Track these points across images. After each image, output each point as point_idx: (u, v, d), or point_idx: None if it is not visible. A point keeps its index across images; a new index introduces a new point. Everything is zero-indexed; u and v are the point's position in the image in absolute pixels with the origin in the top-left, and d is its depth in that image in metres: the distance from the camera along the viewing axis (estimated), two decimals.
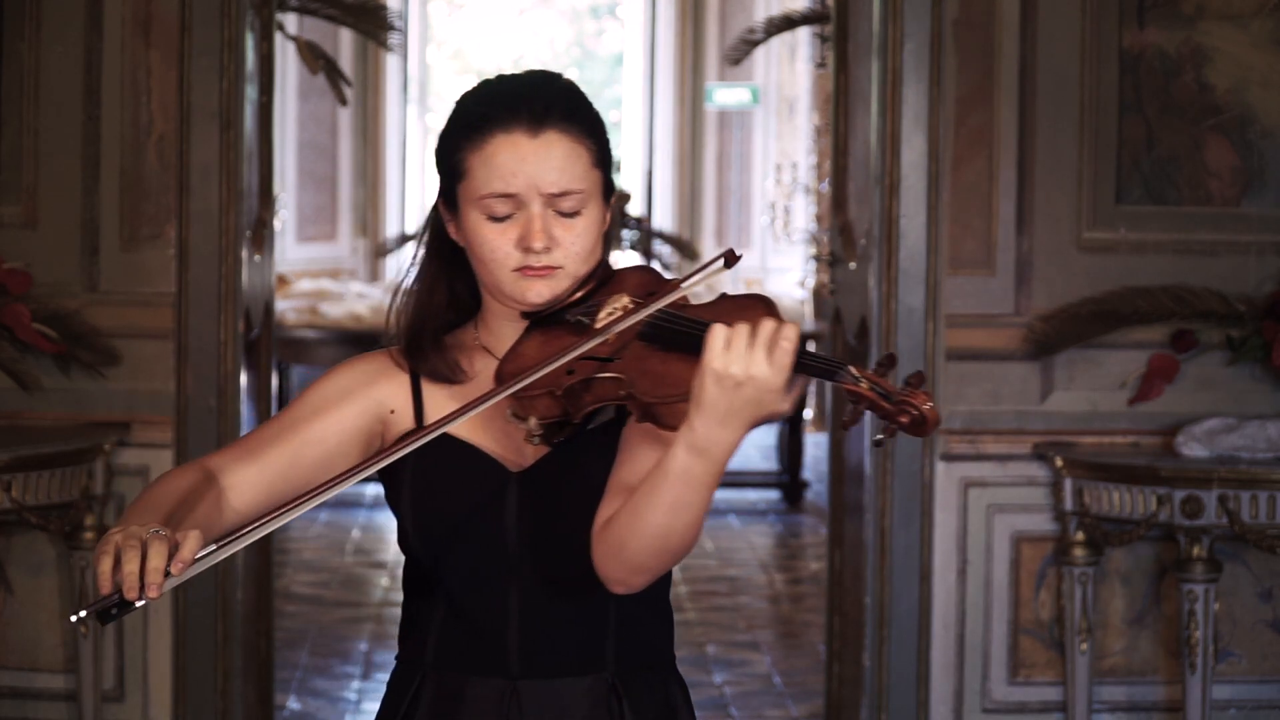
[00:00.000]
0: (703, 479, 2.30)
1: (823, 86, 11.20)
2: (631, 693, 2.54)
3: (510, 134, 2.46)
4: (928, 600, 5.27)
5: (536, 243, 2.45)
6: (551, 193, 2.46)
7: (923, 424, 2.25)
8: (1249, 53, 5.27)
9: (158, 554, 2.19)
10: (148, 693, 5.26)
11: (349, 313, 9.98)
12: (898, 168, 5.22)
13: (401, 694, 2.58)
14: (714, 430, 2.27)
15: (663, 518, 2.32)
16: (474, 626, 2.52)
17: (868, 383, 2.27)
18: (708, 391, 2.26)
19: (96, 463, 5.09)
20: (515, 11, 18.04)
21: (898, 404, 2.26)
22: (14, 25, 5.19)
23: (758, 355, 2.25)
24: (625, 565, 2.37)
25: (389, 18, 6.91)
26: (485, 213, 2.47)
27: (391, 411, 2.55)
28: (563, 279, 2.48)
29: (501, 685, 2.51)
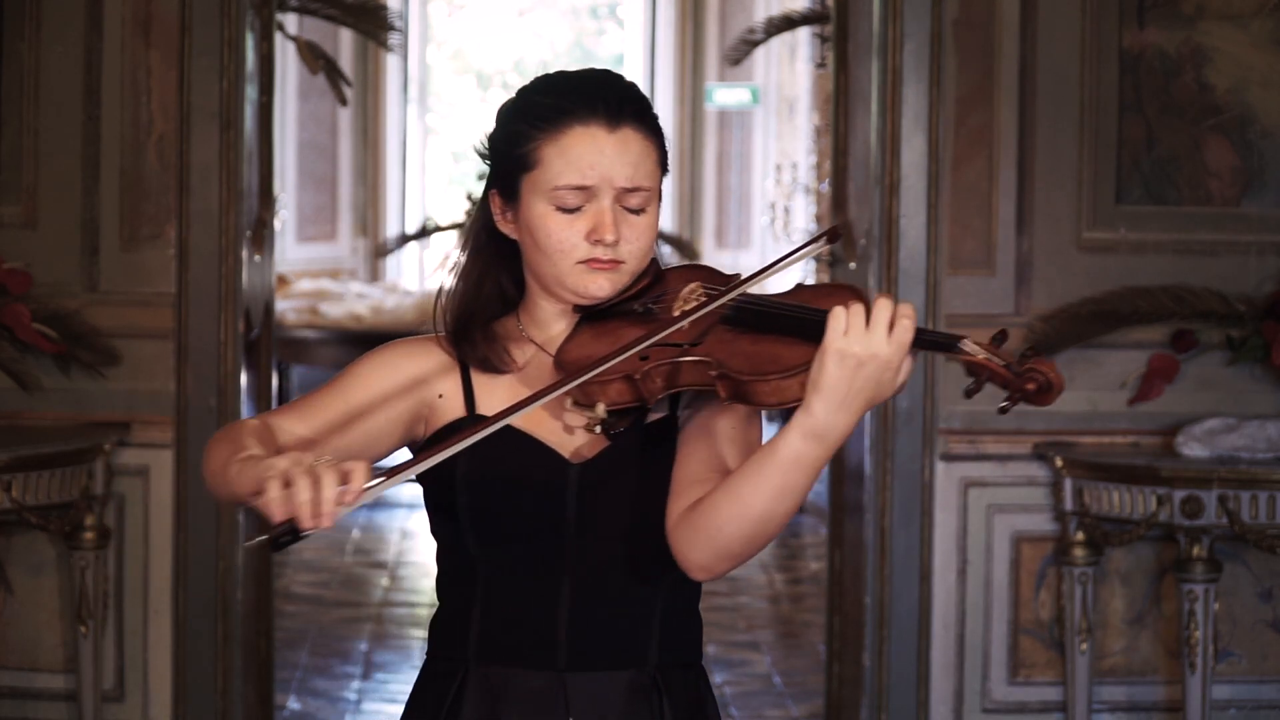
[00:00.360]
0: (814, 464, 2.34)
1: (823, 86, 11.20)
2: (671, 689, 2.56)
3: (588, 126, 2.49)
4: (928, 600, 5.27)
5: (609, 235, 2.48)
6: (625, 187, 2.49)
7: (1049, 390, 2.29)
8: (1249, 53, 5.27)
9: (330, 483, 2.21)
10: (148, 693, 5.26)
11: (349, 313, 9.98)
12: (898, 168, 5.22)
13: (443, 689, 2.56)
14: (834, 414, 2.31)
15: (766, 503, 2.35)
16: (522, 618, 2.52)
17: (985, 353, 2.30)
18: (829, 373, 2.30)
19: (96, 463, 5.09)
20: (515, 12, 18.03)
21: (1022, 372, 2.29)
22: (14, 25, 5.19)
23: (877, 333, 2.29)
24: (715, 551, 2.40)
25: (389, 18, 6.91)
26: (556, 204, 2.49)
27: (440, 396, 2.55)
28: (624, 274, 2.51)
29: (550, 678, 2.52)
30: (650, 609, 2.54)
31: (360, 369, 2.56)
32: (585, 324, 2.54)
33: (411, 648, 7.11)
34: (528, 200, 2.51)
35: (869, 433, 5.33)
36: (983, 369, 2.31)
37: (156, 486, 5.24)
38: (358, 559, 8.68)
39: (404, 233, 13.23)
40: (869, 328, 2.29)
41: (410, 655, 7.00)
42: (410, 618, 7.59)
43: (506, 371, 2.55)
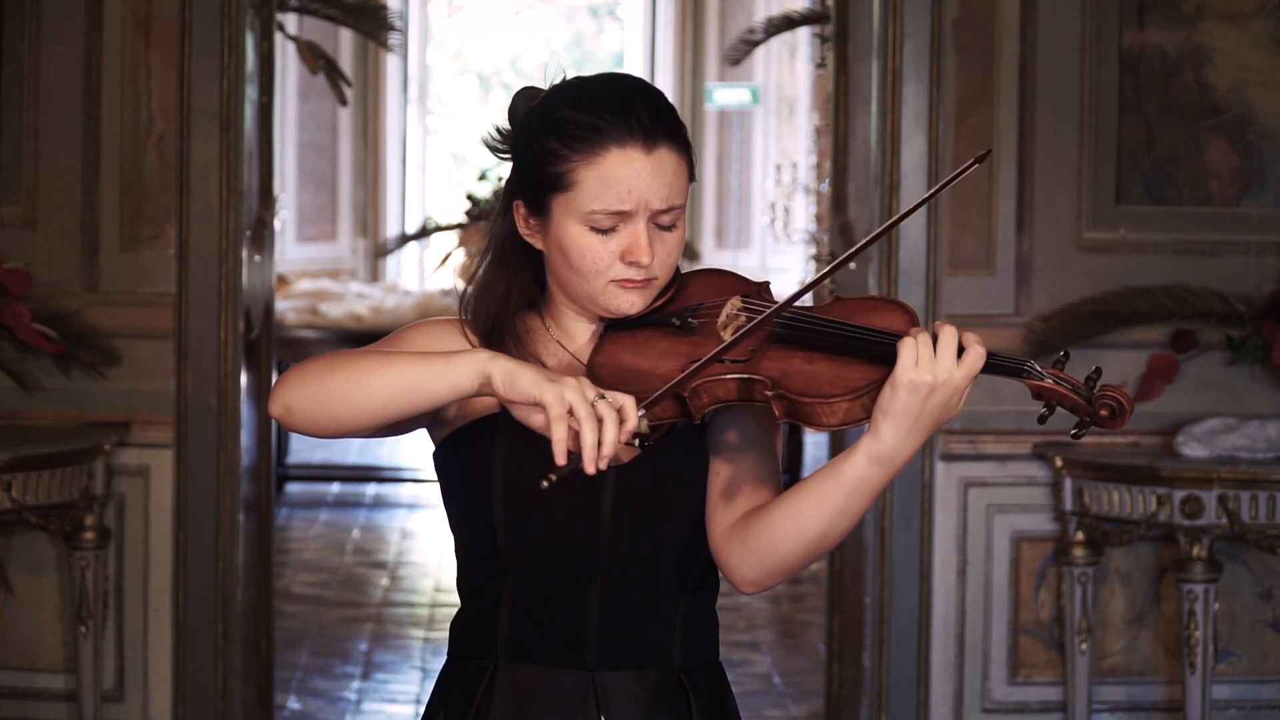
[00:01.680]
0: (877, 487, 2.37)
1: (823, 86, 11.20)
2: (696, 688, 2.57)
3: (625, 149, 2.46)
4: (928, 600, 5.27)
5: (645, 258, 2.47)
6: (659, 209, 2.48)
7: (1122, 415, 2.32)
8: (1249, 53, 5.27)
9: (613, 426, 2.25)
10: (148, 693, 5.26)
11: (349, 313, 9.98)
12: (898, 168, 5.22)
13: (470, 689, 2.55)
14: (902, 440, 2.34)
15: (826, 524, 2.39)
16: (552, 618, 2.52)
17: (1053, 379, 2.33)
18: (900, 401, 2.32)
19: (96, 463, 5.09)
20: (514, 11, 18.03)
21: (1095, 398, 2.31)
22: (14, 25, 5.19)
23: (945, 361, 2.31)
24: (768, 568, 2.43)
25: (389, 18, 6.91)
26: (590, 225, 2.47)
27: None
28: (653, 290, 2.51)
29: (580, 677, 2.52)
30: (675, 610, 2.55)
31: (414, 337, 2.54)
32: (612, 332, 2.53)
33: (411, 648, 7.11)
34: (560, 219, 2.48)
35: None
36: (1053, 394, 2.34)
37: (156, 486, 5.24)
38: (358, 559, 8.68)
39: (404, 233, 13.23)
40: (937, 355, 2.32)
41: (410, 655, 7.00)
42: (410, 618, 7.59)
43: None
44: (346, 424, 2.40)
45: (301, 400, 2.40)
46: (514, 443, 2.47)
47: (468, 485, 2.53)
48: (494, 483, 2.50)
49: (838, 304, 2.46)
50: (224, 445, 5.25)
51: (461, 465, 2.52)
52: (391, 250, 13.06)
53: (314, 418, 2.40)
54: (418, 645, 7.15)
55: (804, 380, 2.38)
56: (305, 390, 2.40)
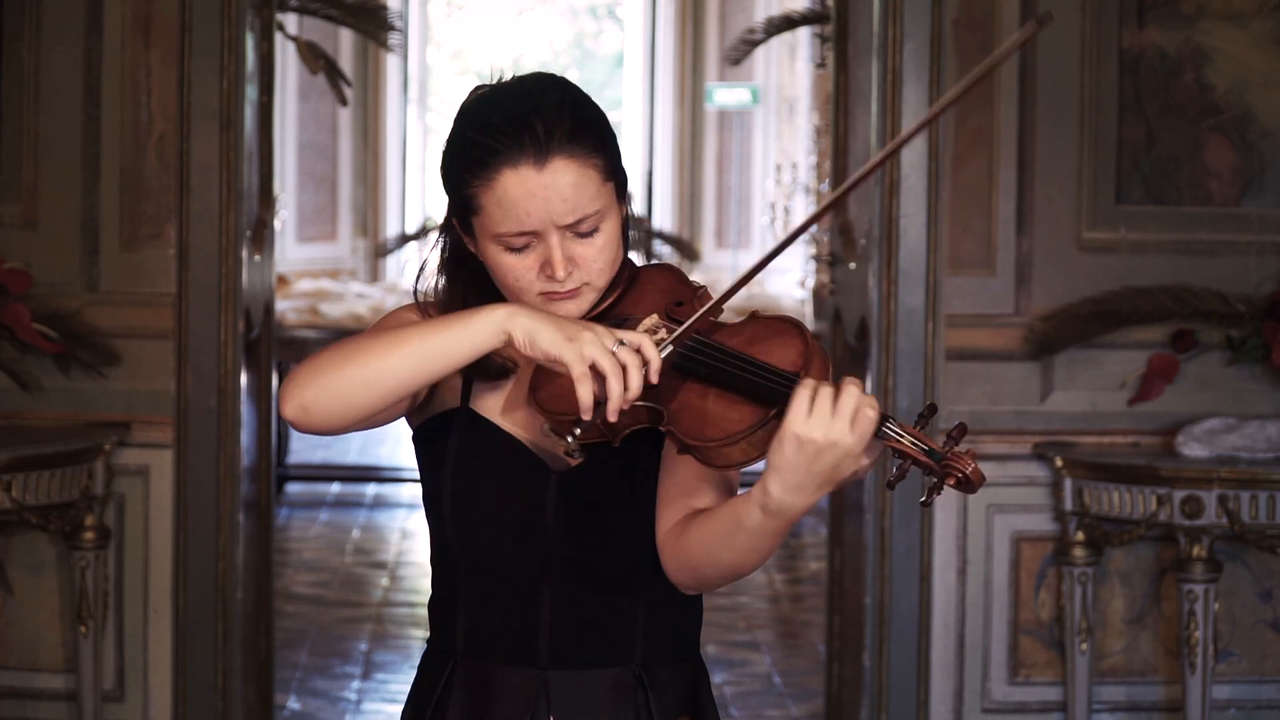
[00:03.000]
0: (777, 531, 2.34)
1: (823, 86, 11.20)
2: (656, 684, 2.56)
3: (517, 170, 2.41)
4: (928, 600, 5.27)
5: (559, 272, 2.44)
6: (563, 225, 2.44)
7: (968, 485, 2.26)
8: (1249, 53, 5.27)
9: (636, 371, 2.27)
10: (148, 693, 5.26)
11: (349, 313, 9.98)
12: (898, 168, 5.22)
13: (434, 679, 2.59)
14: (790, 495, 2.28)
15: (736, 557, 2.38)
16: (505, 617, 2.53)
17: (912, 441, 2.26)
18: (786, 455, 2.26)
19: (96, 463, 5.09)
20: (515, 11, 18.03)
21: (944, 465, 2.26)
22: (14, 25, 5.19)
23: (841, 422, 2.24)
24: (695, 579, 2.45)
25: (389, 18, 6.91)
26: (503, 246, 2.45)
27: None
28: (589, 294, 2.48)
29: (531, 675, 2.53)
30: (634, 608, 2.54)
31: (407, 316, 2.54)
32: None
33: (411, 648, 7.11)
34: (480, 239, 2.48)
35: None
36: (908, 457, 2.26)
37: (156, 486, 5.24)
38: (358, 559, 8.68)
39: (404, 233, 13.24)
40: (834, 414, 2.24)
41: (410, 655, 7.00)
42: (410, 618, 7.59)
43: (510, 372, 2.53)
44: (370, 409, 2.38)
45: (319, 396, 2.38)
46: (465, 443, 2.49)
47: (426, 479, 2.55)
48: (444, 481, 2.52)
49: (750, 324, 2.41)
50: (224, 445, 5.25)
51: (423, 459, 2.55)
52: (391, 250, 13.06)
53: (335, 410, 2.38)
54: (418, 645, 7.16)
55: (692, 419, 2.33)
56: (321, 385, 2.38)
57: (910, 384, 5.23)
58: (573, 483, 2.50)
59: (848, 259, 5.73)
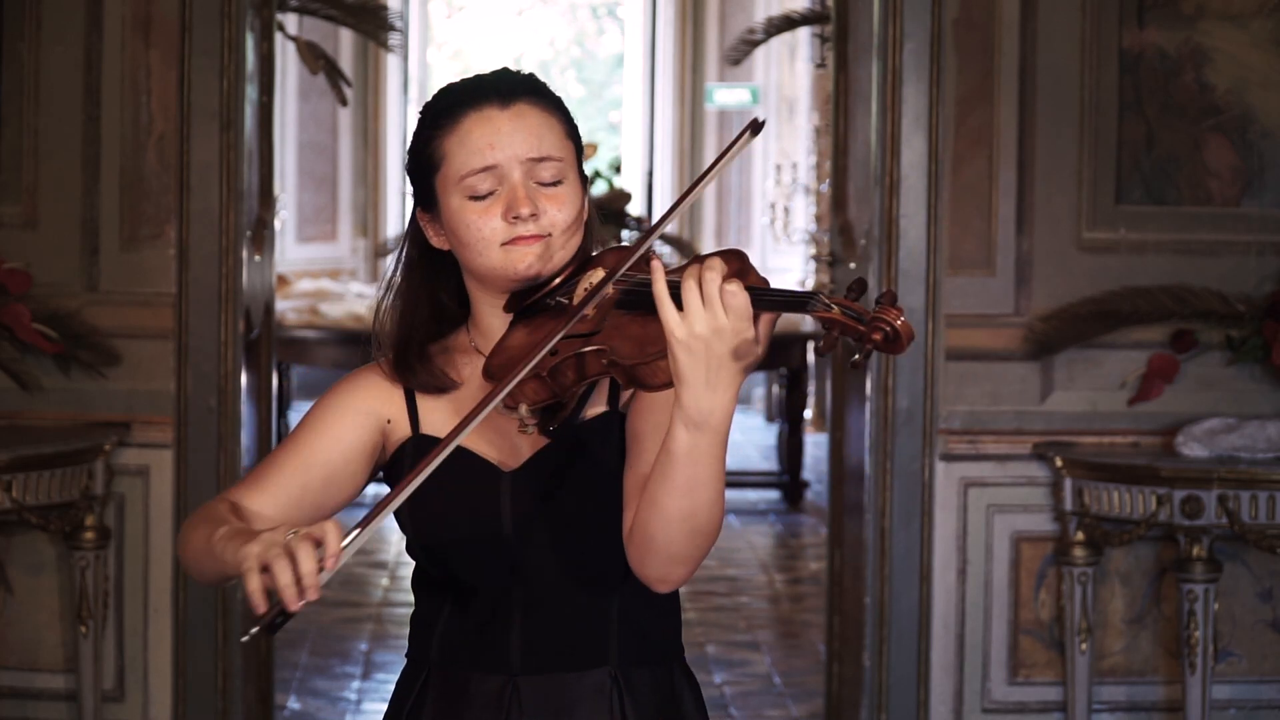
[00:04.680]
0: (709, 451, 2.28)
1: (823, 86, 11.20)
2: (633, 687, 2.54)
3: (482, 110, 2.48)
4: (928, 600, 5.27)
5: (524, 208, 2.45)
6: (531, 157, 2.47)
7: (896, 340, 2.19)
8: (1249, 53, 5.27)
9: (307, 557, 2.19)
10: (148, 693, 5.26)
11: (349, 313, 9.98)
12: (898, 168, 5.22)
13: (408, 691, 2.60)
14: (703, 398, 2.24)
15: (681, 500, 2.31)
16: (477, 623, 2.53)
17: (839, 308, 2.21)
18: (681, 362, 2.23)
19: (96, 463, 5.09)
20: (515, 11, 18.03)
21: (870, 323, 2.19)
22: (14, 25, 5.19)
23: (714, 307, 2.21)
24: (660, 559, 2.36)
25: (389, 18, 6.91)
26: (467, 194, 2.47)
27: (389, 421, 2.56)
28: (552, 250, 2.48)
29: (502, 680, 2.53)
30: (605, 608, 2.53)
31: (311, 421, 2.57)
32: (519, 322, 2.51)
33: None
34: (444, 200, 2.50)
35: (869, 433, 5.33)
36: (835, 324, 2.21)
37: (156, 486, 5.24)
38: (358, 559, 8.68)
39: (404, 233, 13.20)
40: (706, 304, 2.22)
41: None
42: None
43: (448, 390, 2.55)
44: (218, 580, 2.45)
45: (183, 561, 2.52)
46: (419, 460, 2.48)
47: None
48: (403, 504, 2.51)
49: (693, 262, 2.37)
50: (224, 445, 5.25)
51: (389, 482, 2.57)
52: (391, 250, 13.05)
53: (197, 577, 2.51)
54: None
55: (631, 344, 2.33)
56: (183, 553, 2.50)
57: (910, 384, 5.24)
58: (524, 480, 2.49)
59: (848, 259, 5.73)
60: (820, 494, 10.06)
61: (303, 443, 2.54)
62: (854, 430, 5.63)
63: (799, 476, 10.47)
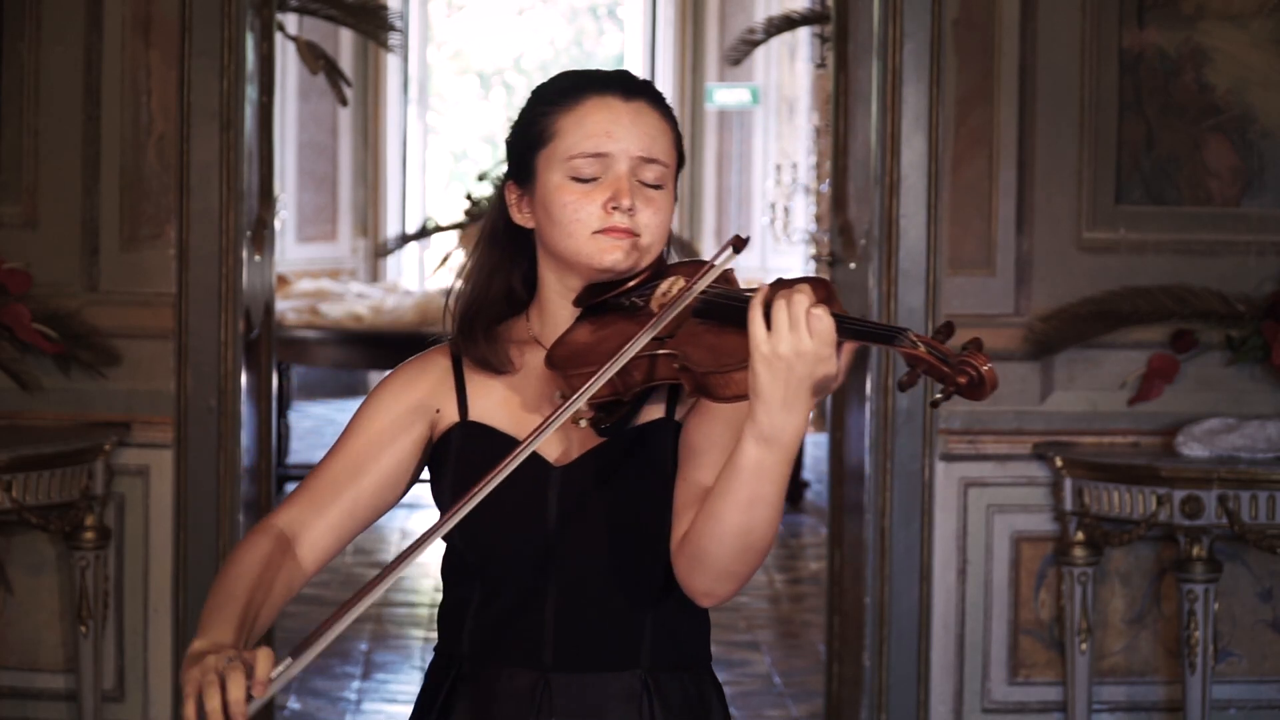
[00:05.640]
0: (775, 468, 2.31)
1: (823, 86, 11.20)
2: (663, 692, 2.54)
3: (604, 97, 2.51)
4: (928, 600, 5.27)
5: (625, 200, 2.47)
6: (642, 156, 2.49)
7: (980, 385, 2.23)
8: (1249, 53, 5.27)
9: (236, 685, 2.23)
10: (148, 693, 5.26)
11: (349, 313, 9.98)
12: (898, 168, 5.22)
13: (439, 684, 2.59)
14: (777, 416, 2.28)
15: (741, 516, 2.33)
16: (510, 618, 2.53)
17: (925, 346, 2.26)
18: (761, 378, 2.27)
19: (96, 463, 5.09)
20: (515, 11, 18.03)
21: (956, 365, 2.23)
22: (14, 25, 5.19)
23: (800, 330, 2.25)
24: (710, 573, 2.38)
25: (389, 18, 6.91)
26: (571, 174, 2.49)
27: (438, 410, 2.56)
28: (639, 251, 2.50)
29: (534, 677, 2.52)
30: (641, 612, 2.53)
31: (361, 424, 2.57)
32: (585, 318, 2.53)
33: (411, 648, 7.11)
34: (544, 176, 2.51)
35: (869, 433, 5.33)
36: (920, 361, 2.25)
37: (156, 486, 5.24)
38: (358, 559, 8.68)
39: (404, 233, 13.23)
40: (792, 325, 2.25)
41: (410, 655, 7.00)
42: (410, 618, 7.59)
43: (505, 372, 2.55)
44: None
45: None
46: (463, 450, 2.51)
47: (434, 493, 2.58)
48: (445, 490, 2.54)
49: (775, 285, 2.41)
50: (224, 445, 5.25)
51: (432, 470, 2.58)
52: (391, 250, 13.05)
53: None
54: (418, 645, 7.15)
55: (705, 353, 2.36)
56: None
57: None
58: (574, 478, 2.49)
59: (848, 259, 5.73)
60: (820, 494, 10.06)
61: (354, 451, 2.55)
62: (854, 430, 5.63)
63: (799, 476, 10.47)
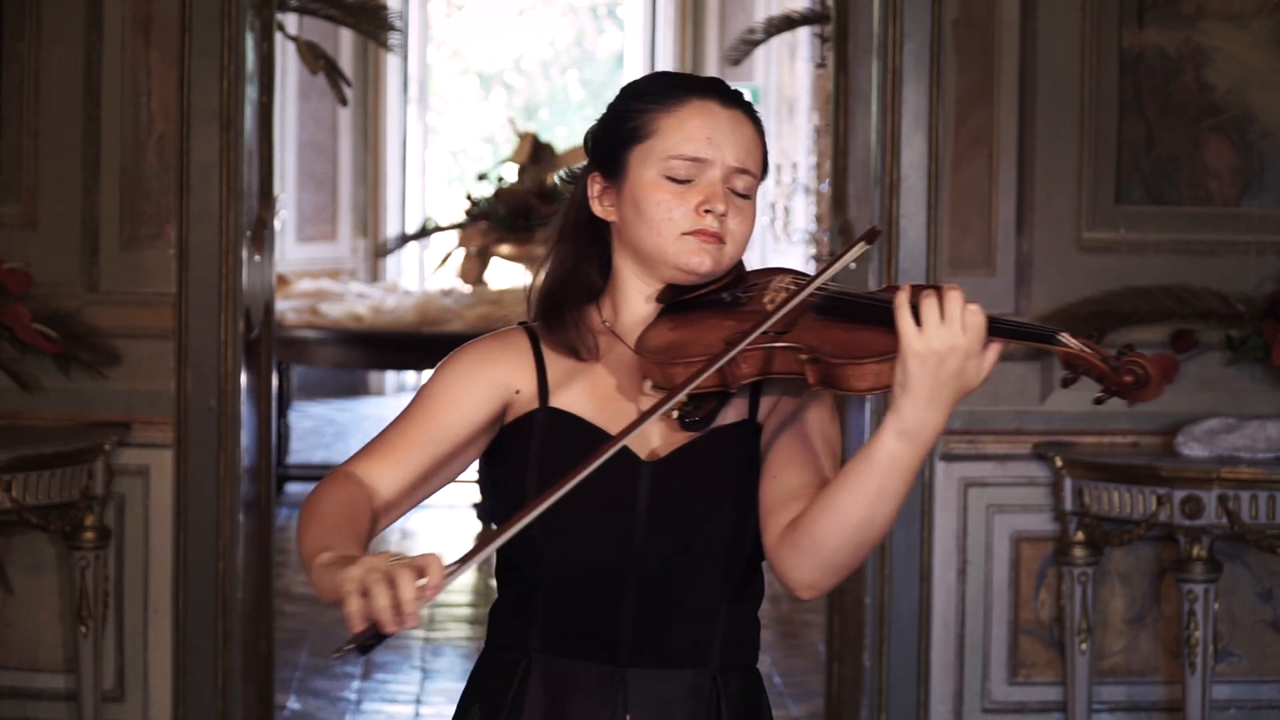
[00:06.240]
0: (910, 465, 2.34)
1: (823, 86, 11.20)
2: (730, 692, 2.57)
3: (705, 102, 2.53)
4: (928, 600, 5.27)
5: (719, 205, 2.50)
6: (735, 166, 2.52)
7: (1146, 384, 2.26)
8: (1249, 53, 5.27)
9: (407, 585, 2.21)
10: (148, 693, 5.26)
11: (349, 313, 9.97)
12: (898, 168, 5.22)
13: (505, 678, 2.57)
14: (923, 411, 2.31)
15: (866, 509, 2.36)
16: (586, 612, 2.52)
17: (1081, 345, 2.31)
18: (912, 373, 2.30)
19: (96, 463, 5.09)
20: (515, 11, 18.02)
21: (1119, 365, 2.27)
22: (14, 25, 5.19)
23: (953, 325, 2.29)
24: (821, 565, 2.41)
25: (389, 18, 6.91)
26: (666, 173, 2.51)
27: (517, 391, 2.55)
28: (723, 256, 2.52)
29: (610, 672, 2.53)
30: (715, 611, 2.55)
31: (440, 388, 2.54)
32: (666, 315, 2.55)
33: (411, 648, 7.11)
34: (636, 172, 2.53)
35: (868, 432, 5.33)
36: (1079, 360, 2.31)
37: (156, 486, 5.24)
38: None
39: (404, 233, 13.23)
40: (944, 321, 2.29)
41: (410, 655, 7.00)
42: None
43: (585, 359, 2.55)
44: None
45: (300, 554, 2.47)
46: (548, 440, 2.50)
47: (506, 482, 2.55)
48: (529, 480, 2.52)
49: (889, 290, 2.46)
50: (224, 445, 5.25)
51: (503, 453, 2.55)
52: (391, 250, 13.05)
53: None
54: (418, 645, 7.16)
55: (836, 344, 2.39)
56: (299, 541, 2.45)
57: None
58: (665, 474, 2.49)
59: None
60: None
61: (432, 415, 2.53)
62: (854, 429, 5.63)
63: None
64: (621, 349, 2.56)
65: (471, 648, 7.17)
